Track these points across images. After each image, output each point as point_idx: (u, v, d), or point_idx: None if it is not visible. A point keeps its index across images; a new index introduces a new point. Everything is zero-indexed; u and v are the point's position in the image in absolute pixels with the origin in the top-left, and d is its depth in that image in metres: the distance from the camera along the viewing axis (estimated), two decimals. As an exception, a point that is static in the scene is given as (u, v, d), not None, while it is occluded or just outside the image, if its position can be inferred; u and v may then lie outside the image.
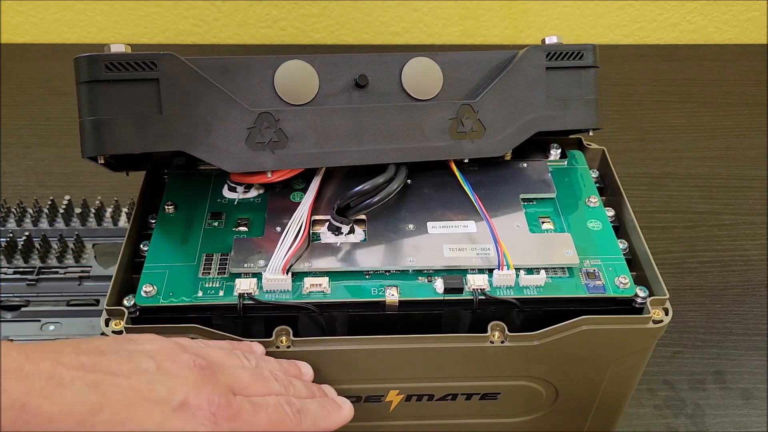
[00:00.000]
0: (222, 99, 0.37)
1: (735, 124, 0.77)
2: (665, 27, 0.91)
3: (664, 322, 0.37)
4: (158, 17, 0.87)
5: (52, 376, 0.28)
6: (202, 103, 0.37)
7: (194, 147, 0.37)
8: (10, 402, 0.27)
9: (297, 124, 0.39)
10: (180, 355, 0.32)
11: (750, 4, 0.89)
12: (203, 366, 0.31)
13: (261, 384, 0.33)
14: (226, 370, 0.32)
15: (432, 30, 0.90)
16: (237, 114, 0.38)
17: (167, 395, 0.30)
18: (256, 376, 0.33)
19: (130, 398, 0.29)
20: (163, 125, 0.37)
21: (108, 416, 0.28)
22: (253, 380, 0.33)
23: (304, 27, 0.89)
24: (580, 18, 0.89)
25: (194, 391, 0.30)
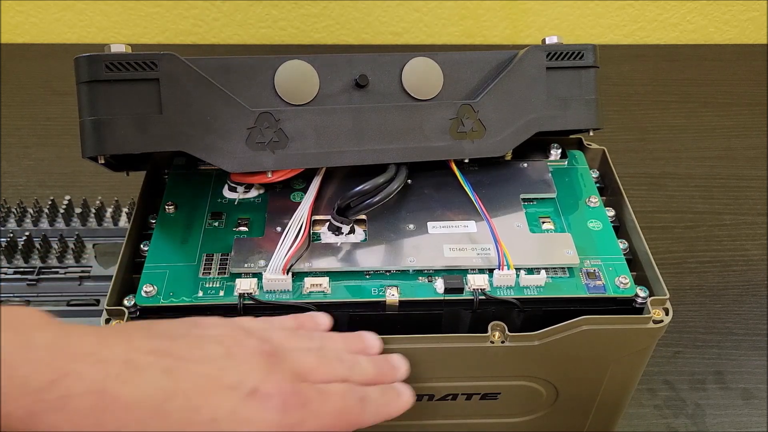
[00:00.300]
0: (222, 99, 0.37)
1: (735, 124, 0.77)
2: (665, 27, 0.91)
3: (665, 322, 0.37)
4: (158, 17, 0.87)
5: (128, 362, 0.28)
6: (202, 103, 0.37)
7: (194, 147, 0.37)
8: (88, 387, 0.27)
9: (297, 124, 0.39)
10: (246, 340, 0.32)
11: (750, 4, 0.89)
12: (270, 353, 0.31)
13: (326, 368, 0.33)
14: (292, 354, 0.32)
15: (432, 30, 0.90)
16: (237, 114, 0.38)
17: (238, 382, 0.30)
18: (321, 359, 0.33)
19: (203, 385, 0.29)
20: (163, 125, 0.37)
21: (182, 403, 0.28)
22: (318, 364, 0.33)
23: (304, 27, 0.89)
24: (580, 18, 0.89)
25: (264, 378, 0.30)
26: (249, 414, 0.29)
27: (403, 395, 0.35)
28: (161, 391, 0.28)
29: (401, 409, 0.35)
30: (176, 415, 0.28)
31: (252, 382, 0.30)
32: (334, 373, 0.33)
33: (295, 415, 0.30)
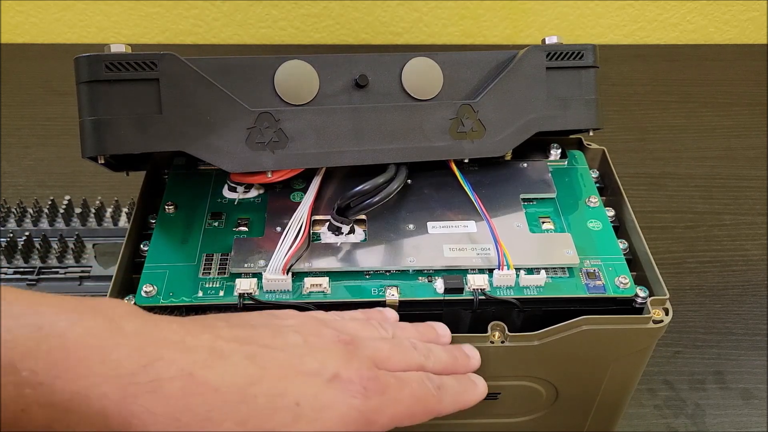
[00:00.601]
0: (222, 99, 0.37)
1: (735, 124, 0.77)
2: (665, 27, 0.91)
3: (665, 322, 0.37)
4: (158, 17, 0.87)
5: (213, 349, 0.29)
6: (202, 103, 0.37)
7: (194, 147, 0.37)
8: (177, 371, 0.28)
9: (297, 124, 0.39)
10: (322, 329, 0.32)
11: (750, 4, 0.89)
12: (347, 341, 0.32)
13: (401, 355, 0.33)
14: (368, 343, 0.33)
15: (432, 30, 0.90)
16: (237, 114, 0.38)
17: (319, 368, 0.30)
18: (396, 347, 0.33)
19: (286, 370, 0.30)
20: (163, 125, 0.37)
21: (267, 388, 0.29)
22: (393, 352, 0.33)
23: (304, 27, 0.89)
24: (580, 18, 0.89)
25: (343, 365, 0.31)
26: (331, 399, 0.30)
27: (479, 385, 0.35)
28: (246, 377, 0.29)
29: (478, 398, 0.35)
30: (261, 399, 0.29)
31: (332, 369, 0.31)
32: (410, 361, 0.33)
33: (374, 401, 0.31)
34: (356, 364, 0.31)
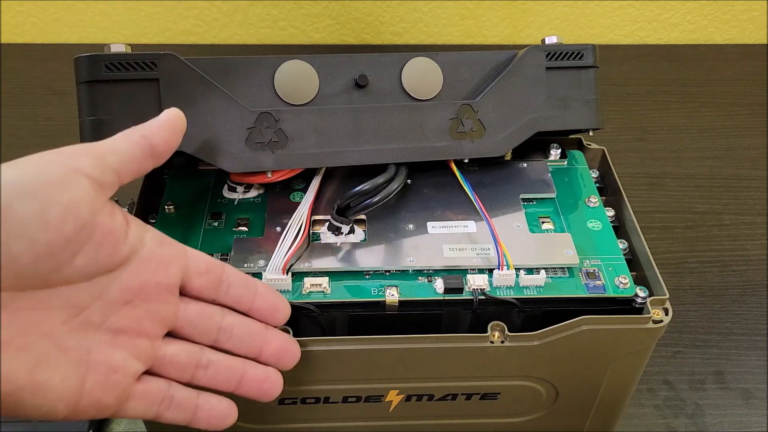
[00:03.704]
0: (222, 99, 0.37)
1: (735, 124, 0.77)
2: (665, 27, 0.91)
3: (664, 322, 0.37)
4: (158, 17, 0.87)
5: None
6: (202, 103, 0.37)
7: (194, 147, 0.37)
8: None
9: (297, 124, 0.39)
10: None
11: (750, 4, 0.89)
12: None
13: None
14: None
15: (432, 30, 0.90)
16: (237, 114, 0.38)
17: None
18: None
19: None
20: (163, 125, 0.37)
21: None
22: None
23: (304, 27, 0.89)
24: (580, 18, 0.89)
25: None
26: None
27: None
28: None
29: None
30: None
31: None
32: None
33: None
34: None
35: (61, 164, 0.28)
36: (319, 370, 0.37)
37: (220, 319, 0.33)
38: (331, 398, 0.40)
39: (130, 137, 0.31)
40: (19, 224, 0.26)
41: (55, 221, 0.27)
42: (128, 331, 0.31)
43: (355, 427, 0.43)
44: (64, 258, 0.28)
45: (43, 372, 0.28)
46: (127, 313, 0.31)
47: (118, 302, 0.30)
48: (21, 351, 0.27)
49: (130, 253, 0.30)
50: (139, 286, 0.31)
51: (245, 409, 0.40)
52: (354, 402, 0.40)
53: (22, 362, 0.27)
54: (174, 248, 0.32)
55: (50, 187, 0.27)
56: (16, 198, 0.26)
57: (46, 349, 0.28)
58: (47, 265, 0.27)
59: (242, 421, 0.41)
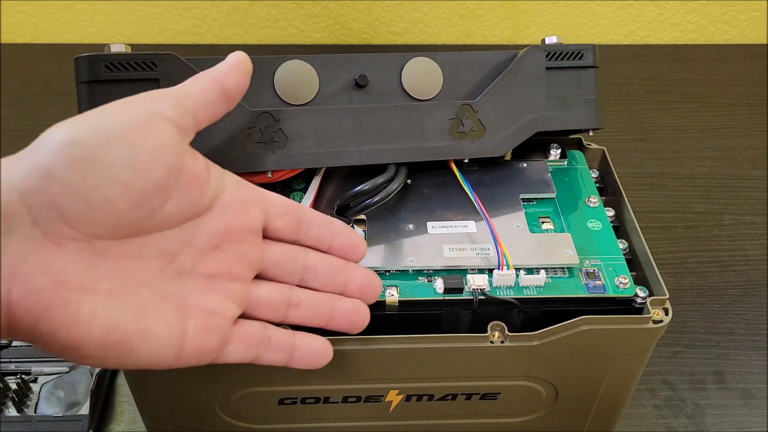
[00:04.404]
0: (222, 99, 0.37)
1: (735, 124, 0.77)
2: (665, 27, 0.91)
3: (664, 322, 0.37)
4: (158, 17, 0.87)
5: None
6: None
7: (194, 147, 0.37)
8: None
9: (297, 124, 0.39)
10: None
11: (750, 4, 0.89)
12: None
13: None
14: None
15: (432, 30, 0.90)
16: (237, 114, 0.38)
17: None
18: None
19: None
20: (163, 125, 0.37)
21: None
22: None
23: (304, 27, 0.89)
24: (580, 18, 0.89)
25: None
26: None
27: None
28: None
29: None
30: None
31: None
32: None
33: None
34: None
35: (143, 108, 0.29)
36: (319, 370, 0.37)
37: (304, 258, 0.33)
38: (331, 398, 0.40)
39: (203, 82, 0.31)
40: (112, 170, 0.26)
41: (146, 166, 0.27)
42: (220, 275, 0.31)
43: (355, 427, 0.43)
44: (156, 204, 0.28)
45: (149, 319, 0.28)
46: (216, 257, 0.31)
47: (207, 247, 0.31)
48: (125, 300, 0.28)
49: (213, 197, 0.31)
50: (225, 230, 0.31)
51: (245, 409, 0.40)
52: (354, 402, 0.40)
53: (128, 311, 0.28)
54: (253, 191, 0.33)
55: (136, 132, 0.28)
56: (105, 144, 0.27)
57: (148, 297, 0.29)
58: (142, 211, 0.28)
59: (242, 421, 0.41)
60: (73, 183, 0.26)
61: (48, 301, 0.26)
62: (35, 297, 0.26)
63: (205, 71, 0.32)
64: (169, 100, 0.30)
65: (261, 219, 0.32)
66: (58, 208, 0.26)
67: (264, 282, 0.33)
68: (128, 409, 0.49)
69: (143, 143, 0.28)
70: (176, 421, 0.41)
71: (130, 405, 0.49)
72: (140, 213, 0.28)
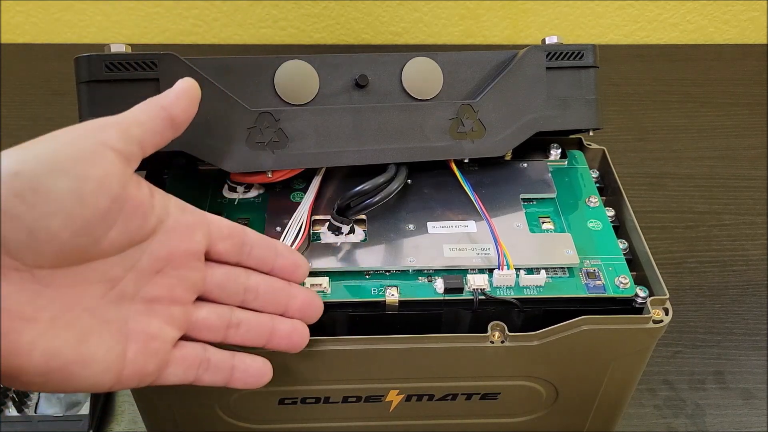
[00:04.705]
0: (222, 99, 0.37)
1: (735, 124, 0.77)
2: (665, 27, 0.91)
3: (664, 322, 0.37)
4: (158, 17, 0.87)
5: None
6: (202, 103, 0.37)
7: (194, 147, 0.37)
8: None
9: (297, 124, 0.39)
10: None
11: (750, 4, 0.89)
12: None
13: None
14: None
15: (432, 30, 0.90)
16: (237, 114, 0.38)
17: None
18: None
19: None
20: (163, 125, 0.37)
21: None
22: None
23: (304, 27, 0.89)
24: (580, 18, 0.89)
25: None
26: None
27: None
28: None
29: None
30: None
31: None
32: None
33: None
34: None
35: (89, 138, 0.29)
36: (319, 370, 0.37)
37: (246, 280, 0.34)
38: (331, 398, 0.40)
39: (150, 109, 0.32)
40: (56, 201, 0.27)
41: (90, 196, 0.27)
42: (162, 299, 0.31)
43: (355, 427, 0.43)
44: (100, 232, 0.28)
45: (89, 345, 0.29)
46: (158, 281, 0.31)
47: (150, 272, 0.31)
48: (66, 327, 0.28)
49: (157, 222, 0.31)
50: (168, 255, 0.31)
51: (245, 409, 0.40)
52: (354, 402, 0.40)
53: (69, 338, 0.28)
54: (196, 215, 0.33)
55: (82, 163, 0.28)
56: (50, 175, 0.27)
57: (89, 323, 0.29)
58: (85, 240, 0.28)
59: (242, 421, 0.41)
60: (17, 215, 0.26)
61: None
62: None
63: (153, 98, 0.32)
64: (116, 129, 0.30)
65: (204, 243, 0.32)
66: (2, 240, 0.26)
67: (205, 304, 0.33)
68: (128, 409, 0.49)
69: (88, 174, 0.28)
70: (176, 421, 0.41)
71: (130, 405, 0.49)
72: (83, 241, 0.28)
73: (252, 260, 0.34)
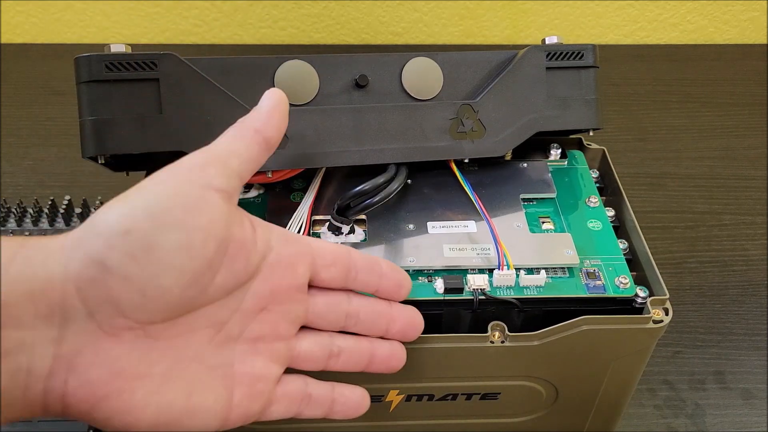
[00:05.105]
0: (222, 99, 0.37)
1: (735, 124, 0.77)
2: (665, 27, 0.91)
3: (664, 322, 0.37)
4: (158, 17, 0.87)
5: None
6: (202, 103, 0.37)
7: (194, 147, 0.37)
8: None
9: (297, 124, 0.39)
10: None
11: (750, 4, 0.89)
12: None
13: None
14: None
15: (432, 30, 0.90)
16: (237, 114, 0.38)
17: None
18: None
19: None
20: (163, 125, 0.37)
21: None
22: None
23: (304, 27, 0.89)
24: (580, 18, 0.89)
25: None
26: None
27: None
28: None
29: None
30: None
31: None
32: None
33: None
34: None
35: (192, 183, 0.28)
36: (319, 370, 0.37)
37: (347, 306, 0.33)
38: (331, 398, 0.40)
39: (245, 136, 0.30)
40: (168, 257, 0.26)
41: (199, 247, 0.27)
42: (266, 337, 0.31)
43: (355, 427, 0.43)
44: (208, 280, 0.28)
45: (198, 396, 0.28)
46: (262, 319, 0.30)
47: (254, 310, 0.30)
48: (177, 380, 0.28)
49: (260, 260, 0.30)
50: (271, 291, 0.30)
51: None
52: (354, 402, 0.40)
53: (179, 391, 0.28)
54: (299, 245, 0.32)
55: (190, 213, 0.27)
56: (160, 230, 0.26)
57: (197, 372, 0.28)
58: (194, 290, 0.27)
59: (242, 421, 0.41)
60: (130, 275, 0.26)
61: (103, 392, 0.26)
62: (90, 388, 0.26)
63: (245, 120, 0.31)
64: (217, 167, 0.29)
65: (307, 275, 0.32)
66: (115, 301, 0.26)
67: (306, 334, 0.33)
68: (128, 409, 0.49)
69: (197, 224, 0.27)
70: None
71: (130, 405, 0.49)
72: (192, 292, 0.27)
73: (357, 284, 0.33)
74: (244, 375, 0.30)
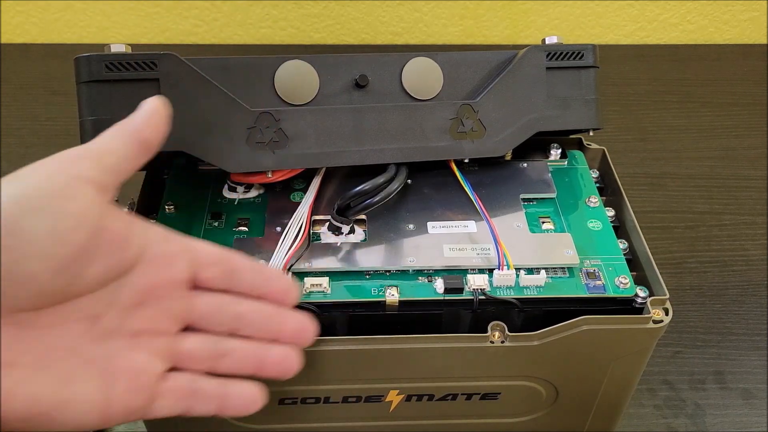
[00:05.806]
0: (222, 99, 0.37)
1: (735, 124, 0.77)
2: (665, 27, 0.91)
3: (664, 322, 0.37)
4: (158, 17, 0.87)
5: None
6: (202, 103, 0.37)
7: (194, 147, 0.37)
8: None
9: (297, 124, 0.39)
10: None
11: (750, 4, 0.89)
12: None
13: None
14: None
15: (432, 30, 0.90)
16: (237, 114, 0.38)
17: None
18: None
19: None
20: (163, 125, 0.37)
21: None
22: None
23: (304, 27, 0.89)
24: (580, 18, 0.89)
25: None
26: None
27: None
28: None
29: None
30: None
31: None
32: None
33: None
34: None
35: (63, 173, 0.28)
36: (319, 370, 0.37)
37: (236, 307, 0.33)
38: (331, 398, 0.40)
39: (122, 135, 0.31)
40: (33, 242, 0.26)
41: (68, 233, 0.27)
42: (145, 332, 0.31)
43: (355, 427, 0.43)
44: (79, 269, 0.28)
45: (72, 387, 0.28)
46: (141, 314, 0.30)
47: (132, 305, 0.30)
48: (48, 370, 0.27)
49: (137, 254, 0.30)
50: (150, 286, 0.30)
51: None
52: (354, 402, 0.40)
53: (51, 381, 0.27)
54: (179, 243, 0.32)
55: (58, 199, 0.27)
56: (25, 215, 0.26)
57: (72, 364, 0.28)
58: (65, 278, 0.27)
59: (242, 421, 0.41)
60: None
61: None
62: None
63: (122, 123, 0.31)
64: (90, 160, 0.29)
65: (187, 272, 0.31)
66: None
67: (192, 334, 0.32)
68: (128, 409, 0.49)
69: (65, 210, 0.27)
70: (176, 421, 0.41)
71: (130, 405, 0.49)
72: (63, 280, 0.27)
73: (242, 286, 0.33)
74: (125, 369, 0.30)
